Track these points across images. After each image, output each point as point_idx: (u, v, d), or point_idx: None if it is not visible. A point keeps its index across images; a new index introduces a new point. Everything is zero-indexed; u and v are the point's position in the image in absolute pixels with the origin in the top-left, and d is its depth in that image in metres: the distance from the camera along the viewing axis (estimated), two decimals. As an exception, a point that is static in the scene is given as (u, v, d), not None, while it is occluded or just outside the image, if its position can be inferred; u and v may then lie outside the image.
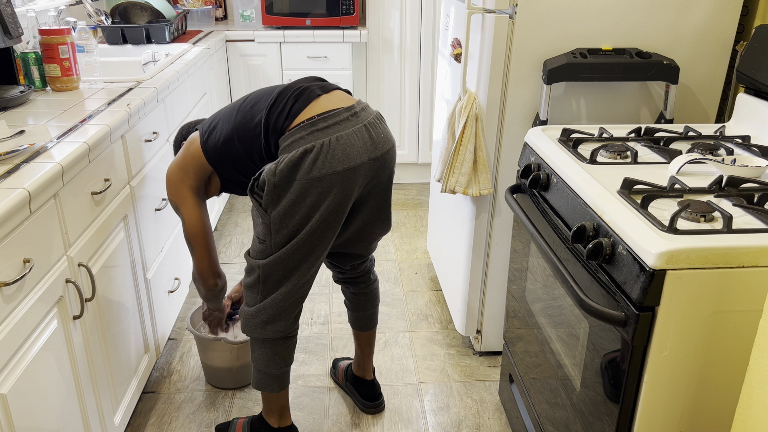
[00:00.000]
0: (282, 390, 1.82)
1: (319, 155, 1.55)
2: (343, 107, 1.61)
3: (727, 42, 1.95)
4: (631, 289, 1.14)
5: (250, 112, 1.67)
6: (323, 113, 1.58)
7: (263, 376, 1.78)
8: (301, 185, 1.56)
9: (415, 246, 3.22)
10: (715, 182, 1.35)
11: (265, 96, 1.68)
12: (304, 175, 1.55)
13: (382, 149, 1.66)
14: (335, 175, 1.57)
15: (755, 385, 0.85)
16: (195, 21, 3.87)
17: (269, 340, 1.73)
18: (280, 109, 1.62)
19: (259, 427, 1.90)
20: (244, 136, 1.67)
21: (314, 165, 1.55)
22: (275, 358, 1.75)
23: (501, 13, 1.89)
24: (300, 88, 1.64)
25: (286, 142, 1.58)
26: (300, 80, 1.71)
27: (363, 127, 1.61)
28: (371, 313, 2.05)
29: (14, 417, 1.25)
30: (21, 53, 2.06)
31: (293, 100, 1.61)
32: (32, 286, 1.35)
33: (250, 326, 1.73)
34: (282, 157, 1.57)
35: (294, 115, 1.60)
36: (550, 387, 1.59)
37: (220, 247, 3.19)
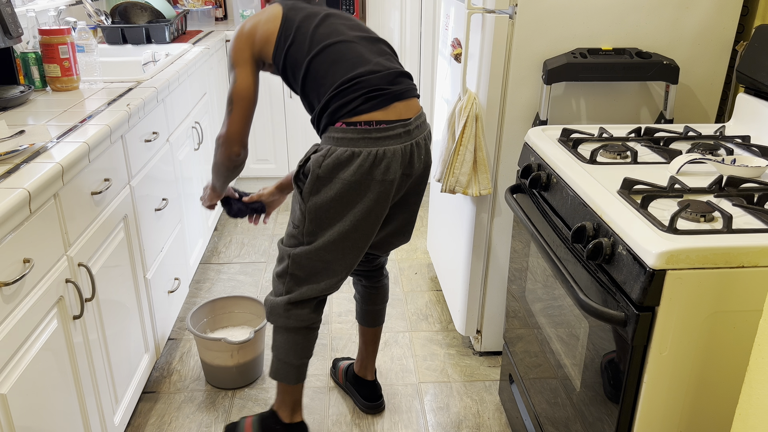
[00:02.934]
0: (298, 383, 1.84)
1: (365, 161, 1.60)
2: (401, 121, 1.63)
3: (727, 42, 1.95)
4: (631, 289, 1.14)
5: (324, 69, 1.63)
6: (382, 122, 1.61)
7: (282, 365, 1.81)
8: (342, 184, 1.61)
9: (415, 246, 3.22)
10: (715, 182, 1.35)
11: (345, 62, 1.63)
12: (348, 176, 1.60)
13: (418, 169, 1.71)
14: (375, 183, 1.62)
15: (755, 385, 0.85)
16: (195, 21, 3.88)
17: (291, 329, 1.76)
18: (345, 102, 1.61)
19: (270, 423, 1.89)
20: (307, 79, 1.65)
21: (358, 169, 1.60)
22: (296, 348, 1.78)
23: (501, 13, 1.89)
24: (375, 90, 1.62)
25: (339, 134, 1.61)
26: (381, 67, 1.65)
27: (410, 145, 1.66)
28: (380, 308, 2.07)
29: (14, 417, 1.25)
30: (21, 53, 2.06)
31: (362, 101, 1.61)
32: (32, 286, 1.35)
33: (273, 314, 1.77)
34: (329, 150, 1.61)
35: (357, 113, 1.61)
36: (550, 387, 1.59)
37: (219, 247, 3.19)
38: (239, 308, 2.39)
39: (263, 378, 2.27)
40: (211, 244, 3.22)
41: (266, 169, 3.77)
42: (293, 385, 1.85)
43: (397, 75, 1.66)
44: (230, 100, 1.71)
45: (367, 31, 1.72)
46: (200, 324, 2.32)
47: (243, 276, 2.93)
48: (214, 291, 2.81)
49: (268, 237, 3.30)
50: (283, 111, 3.64)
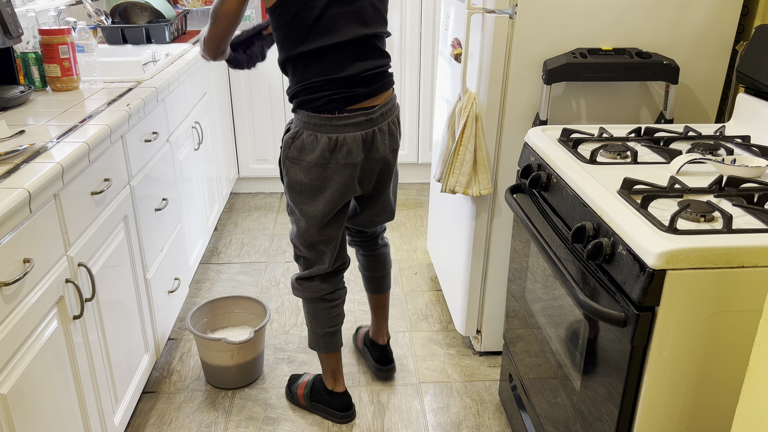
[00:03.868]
0: (328, 352, 2.03)
1: (327, 146, 1.74)
2: (363, 109, 1.75)
3: (727, 42, 1.95)
4: (631, 289, 1.14)
5: (305, 63, 1.72)
6: (344, 111, 1.73)
7: (311, 335, 2.03)
8: (308, 167, 1.77)
9: (415, 246, 3.22)
10: (715, 182, 1.35)
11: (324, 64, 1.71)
12: (313, 159, 1.76)
13: (384, 153, 1.84)
14: (338, 167, 1.77)
15: (755, 385, 0.85)
16: (195, 21, 3.87)
17: (309, 300, 1.97)
18: (311, 98, 1.73)
19: (318, 386, 2.11)
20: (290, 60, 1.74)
21: (322, 153, 1.75)
22: (316, 318, 1.98)
23: (501, 13, 1.89)
24: (338, 94, 1.72)
25: (305, 118, 1.75)
26: (357, 71, 1.73)
27: (372, 132, 1.78)
28: (381, 275, 2.19)
29: (14, 417, 1.25)
30: (21, 53, 2.06)
31: (324, 102, 1.72)
32: (32, 286, 1.35)
33: (293, 289, 2.00)
34: (297, 132, 1.77)
35: (318, 111, 1.73)
36: (550, 387, 1.59)
37: (219, 247, 3.19)
38: (239, 308, 2.39)
39: (263, 378, 2.27)
40: (211, 244, 3.22)
41: (266, 169, 3.77)
42: (326, 354, 2.04)
43: (370, 78, 1.76)
44: (214, 14, 1.75)
45: (365, 23, 1.72)
46: (200, 324, 2.32)
47: (243, 276, 2.93)
48: (214, 291, 2.81)
49: (268, 237, 3.30)
50: (283, 111, 3.64)
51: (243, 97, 3.61)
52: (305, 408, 2.13)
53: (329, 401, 2.07)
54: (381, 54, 1.79)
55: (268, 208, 3.67)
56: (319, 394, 2.09)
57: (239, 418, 2.09)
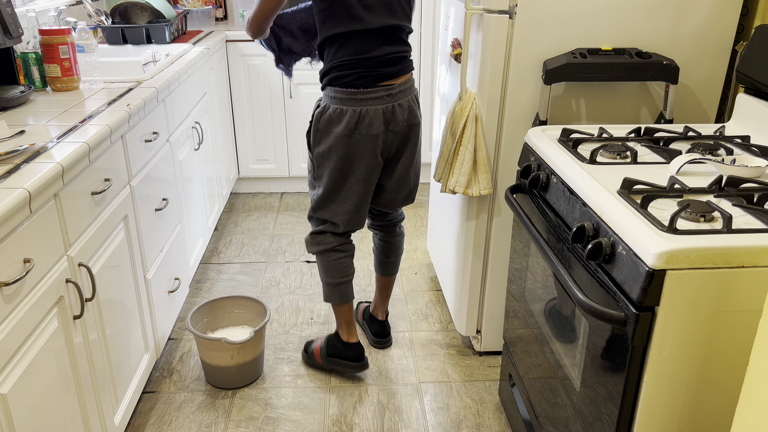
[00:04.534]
0: (342, 302, 2.21)
1: (352, 118, 1.96)
2: (384, 86, 1.97)
3: (727, 42, 1.95)
4: (630, 289, 1.15)
5: (339, 44, 1.95)
6: (368, 87, 1.95)
7: (325, 286, 2.20)
8: (336, 137, 1.99)
9: (415, 246, 3.22)
10: (715, 182, 1.35)
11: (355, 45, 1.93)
12: (340, 130, 1.98)
13: (402, 126, 2.03)
14: (361, 137, 1.98)
15: (755, 385, 0.85)
16: (195, 21, 3.88)
17: (321, 252, 2.16)
18: (341, 75, 1.96)
19: (334, 341, 2.28)
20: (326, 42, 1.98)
21: (347, 125, 1.97)
22: (329, 269, 2.17)
23: (500, 14, 1.89)
24: (367, 72, 1.95)
25: (332, 94, 1.98)
26: (382, 53, 1.95)
27: (392, 106, 1.99)
28: (393, 260, 2.39)
29: (14, 417, 1.25)
30: (21, 53, 2.06)
31: (353, 78, 1.95)
32: (32, 286, 1.35)
33: (307, 245, 2.20)
34: (325, 107, 1.99)
35: (347, 85, 1.96)
36: (550, 387, 1.59)
37: (219, 247, 3.19)
38: (239, 308, 2.39)
39: (263, 378, 2.28)
40: (211, 244, 3.22)
41: (266, 169, 3.77)
42: (340, 306, 2.22)
43: (394, 60, 1.98)
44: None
45: (393, 14, 1.95)
46: (200, 324, 2.32)
47: (243, 276, 2.93)
48: (214, 291, 2.81)
49: (268, 237, 3.30)
50: (283, 111, 3.64)
51: (243, 97, 3.61)
52: (322, 366, 2.31)
53: (345, 352, 2.25)
54: (403, 42, 2.01)
55: (268, 208, 3.67)
56: (335, 347, 2.26)
57: (239, 418, 2.09)
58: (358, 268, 3.03)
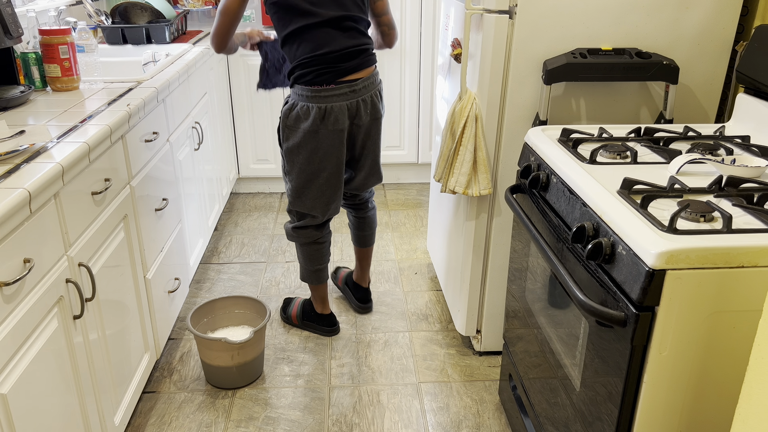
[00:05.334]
0: (319, 284, 2.43)
1: (318, 114, 2.08)
2: (347, 82, 2.09)
3: (727, 42, 1.95)
4: (630, 289, 1.15)
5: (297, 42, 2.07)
6: (331, 83, 2.06)
7: (304, 270, 2.42)
8: (303, 133, 2.12)
9: (415, 246, 3.22)
10: (715, 182, 1.35)
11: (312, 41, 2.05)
12: (307, 126, 2.11)
13: (366, 120, 2.18)
14: (328, 132, 2.11)
15: (755, 385, 0.85)
16: (195, 21, 3.88)
17: (302, 244, 2.36)
18: (304, 73, 2.07)
19: (308, 309, 2.51)
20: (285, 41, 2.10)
21: (314, 121, 2.09)
22: (309, 258, 2.38)
23: (501, 14, 1.89)
24: (327, 68, 2.06)
25: (299, 91, 2.10)
26: (340, 47, 2.06)
27: (356, 102, 2.13)
28: (367, 234, 2.57)
29: (14, 417, 1.25)
30: (21, 53, 2.06)
31: (315, 75, 2.06)
32: (32, 286, 1.35)
33: (288, 236, 2.38)
34: (293, 103, 2.12)
35: (311, 83, 2.07)
36: (550, 387, 1.59)
37: (219, 247, 3.19)
38: (239, 308, 2.39)
39: (263, 378, 2.28)
40: (211, 244, 3.22)
41: (266, 170, 3.77)
42: (318, 285, 2.43)
43: (353, 54, 2.09)
44: (219, 12, 2.11)
45: (342, 6, 2.06)
46: (200, 324, 2.32)
47: (243, 276, 2.93)
48: (214, 291, 2.81)
49: (268, 237, 3.30)
50: (283, 111, 3.64)
51: (243, 97, 3.61)
52: (297, 326, 2.54)
53: (318, 320, 2.49)
54: (361, 34, 2.11)
55: (268, 208, 3.67)
56: (309, 315, 2.50)
57: (239, 418, 2.09)
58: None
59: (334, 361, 2.37)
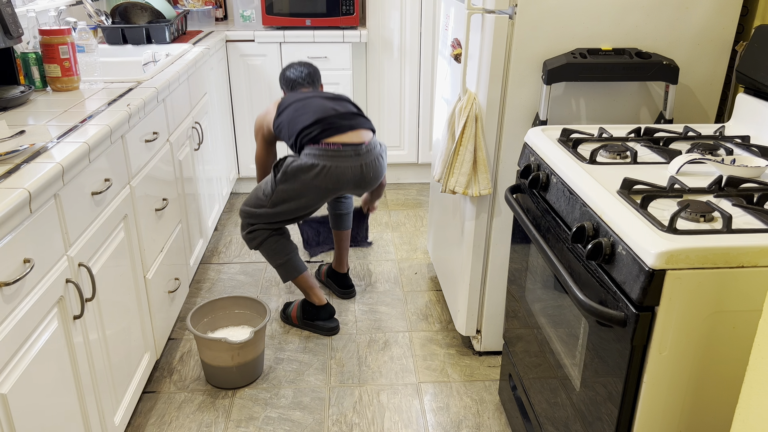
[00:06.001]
0: (299, 274, 2.46)
1: (320, 172, 2.27)
2: (353, 145, 2.28)
3: (727, 42, 1.95)
4: (630, 289, 1.15)
5: (295, 117, 2.35)
6: (339, 144, 2.26)
7: (279, 270, 2.45)
8: (303, 182, 2.29)
9: (415, 246, 3.22)
10: (715, 182, 1.35)
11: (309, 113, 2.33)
12: (308, 178, 2.28)
13: (370, 178, 2.37)
14: (324, 189, 2.31)
15: (755, 385, 0.85)
16: (195, 21, 3.87)
17: (262, 241, 2.42)
18: (308, 133, 2.30)
19: (307, 307, 2.52)
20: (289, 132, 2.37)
21: (316, 176, 2.27)
22: (276, 251, 2.42)
23: (501, 14, 1.90)
24: (330, 125, 2.29)
25: (307, 151, 2.29)
26: (335, 111, 2.32)
27: (360, 165, 2.31)
28: (344, 213, 2.70)
29: (14, 417, 1.25)
30: (21, 53, 2.06)
31: (319, 130, 2.28)
32: (32, 286, 1.35)
33: (247, 242, 2.46)
34: (301, 157, 2.29)
35: (316, 140, 2.28)
36: (550, 387, 1.59)
37: (219, 247, 3.20)
38: (239, 308, 2.39)
39: (263, 378, 2.28)
40: (211, 244, 3.22)
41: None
42: (299, 278, 2.46)
43: (350, 115, 2.33)
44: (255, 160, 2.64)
45: (336, 96, 2.42)
46: (200, 324, 2.32)
47: (243, 276, 2.93)
48: (214, 291, 2.81)
49: (268, 237, 3.30)
50: (283, 111, 3.64)
51: (243, 97, 3.61)
52: (297, 326, 2.56)
53: (318, 313, 2.50)
54: (358, 109, 2.40)
55: (268, 208, 3.66)
56: (309, 312, 2.51)
57: (239, 418, 2.09)
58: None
59: (334, 361, 2.37)
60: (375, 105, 3.76)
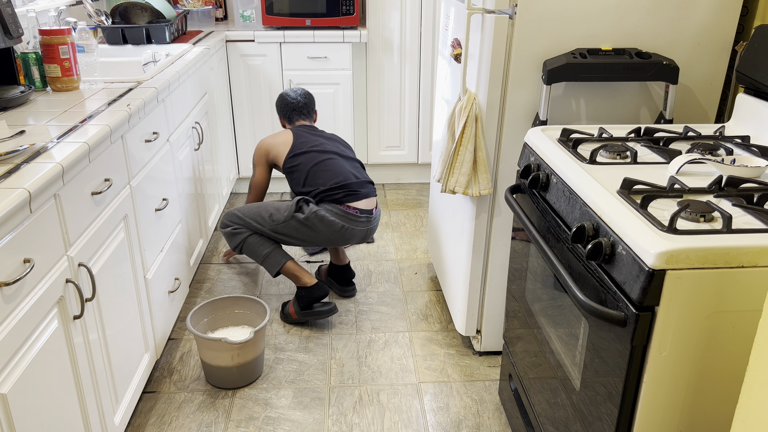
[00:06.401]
0: (285, 261, 2.53)
1: (339, 230, 2.49)
2: (367, 212, 2.54)
3: (727, 42, 1.95)
4: (630, 289, 1.15)
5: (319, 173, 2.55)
6: (358, 209, 2.51)
7: (266, 263, 2.54)
8: (315, 231, 2.49)
9: (415, 246, 3.22)
10: (715, 182, 1.35)
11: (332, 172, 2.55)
12: (322, 229, 2.48)
13: (367, 240, 2.64)
14: (331, 241, 2.53)
15: (755, 385, 0.85)
16: (195, 21, 3.87)
17: (244, 240, 2.53)
18: (334, 194, 2.50)
19: (300, 294, 2.54)
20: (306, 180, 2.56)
21: (332, 231, 2.48)
22: (258, 245, 2.53)
23: (501, 14, 1.90)
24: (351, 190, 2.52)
25: (329, 207, 2.49)
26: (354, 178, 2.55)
27: (366, 229, 2.56)
28: None
29: (14, 417, 1.25)
30: (21, 53, 2.06)
31: (344, 194, 2.51)
32: (32, 286, 1.35)
33: (230, 243, 2.58)
34: (324, 210, 2.47)
35: (341, 202, 2.50)
36: (550, 387, 1.59)
37: (219, 247, 3.20)
38: (239, 308, 2.39)
39: (263, 378, 2.28)
40: (211, 244, 3.22)
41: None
42: (285, 266, 2.53)
43: (364, 183, 2.57)
44: (250, 186, 2.77)
45: (345, 151, 2.65)
46: (200, 324, 2.32)
47: (243, 276, 2.94)
48: (214, 291, 2.81)
49: (268, 237, 3.30)
50: (283, 111, 3.64)
51: (243, 97, 3.61)
52: (299, 321, 2.58)
53: (311, 294, 2.52)
54: (361, 165, 2.67)
55: (268, 208, 3.66)
56: (304, 299, 2.52)
57: (239, 418, 2.09)
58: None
59: (334, 361, 2.37)
60: (375, 105, 3.77)
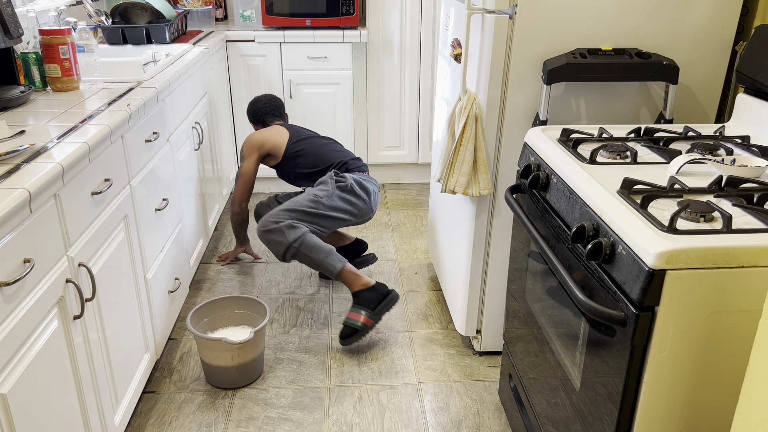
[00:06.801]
0: (344, 264, 2.41)
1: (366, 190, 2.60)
2: None
3: (727, 42, 1.95)
4: (630, 289, 1.15)
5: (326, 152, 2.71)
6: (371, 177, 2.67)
7: (325, 265, 2.40)
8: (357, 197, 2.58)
9: (415, 246, 3.22)
10: (715, 182, 1.35)
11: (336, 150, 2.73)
12: (361, 194, 2.58)
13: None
14: (362, 211, 2.61)
15: (755, 385, 0.85)
16: (195, 21, 3.87)
17: (303, 236, 2.40)
18: (355, 162, 2.69)
19: (366, 297, 2.41)
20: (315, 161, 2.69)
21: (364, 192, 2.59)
22: (318, 247, 2.41)
23: (501, 14, 1.90)
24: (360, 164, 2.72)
25: (362, 176, 2.64)
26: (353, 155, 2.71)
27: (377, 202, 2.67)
28: None
29: (14, 417, 1.25)
30: (21, 53, 2.06)
31: (358, 164, 2.69)
32: (32, 286, 1.35)
33: (285, 235, 2.41)
34: (353, 175, 2.61)
35: (360, 170, 2.68)
36: (550, 387, 1.59)
37: (219, 247, 3.19)
38: (239, 308, 2.39)
39: (263, 378, 2.28)
40: (211, 244, 3.22)
41: (266, 169, 3.76)
42: (342, 269, 2.41)
43: (357, 158, 2.73)
44: (237, 176, 2.77)
45: (337, 143, 2.79)
46: (200, 324, 2.32)
47: (243, 276, 2.93)
48: (214, 291, 2.81)
49: (268, 237, 3.30)
50: (283, 111, 3.64)
51: (243, 97, 3.61)
52: (377, 322, 2.41)
53: (379, 293, 2.41)
54: None
55: (268, 208, 3.66)
56: (372, 300, 2.40)
57: (239, 418, 2.09)
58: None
59: (334, 361, 2.37)
60: (375, 105, 3.76)
